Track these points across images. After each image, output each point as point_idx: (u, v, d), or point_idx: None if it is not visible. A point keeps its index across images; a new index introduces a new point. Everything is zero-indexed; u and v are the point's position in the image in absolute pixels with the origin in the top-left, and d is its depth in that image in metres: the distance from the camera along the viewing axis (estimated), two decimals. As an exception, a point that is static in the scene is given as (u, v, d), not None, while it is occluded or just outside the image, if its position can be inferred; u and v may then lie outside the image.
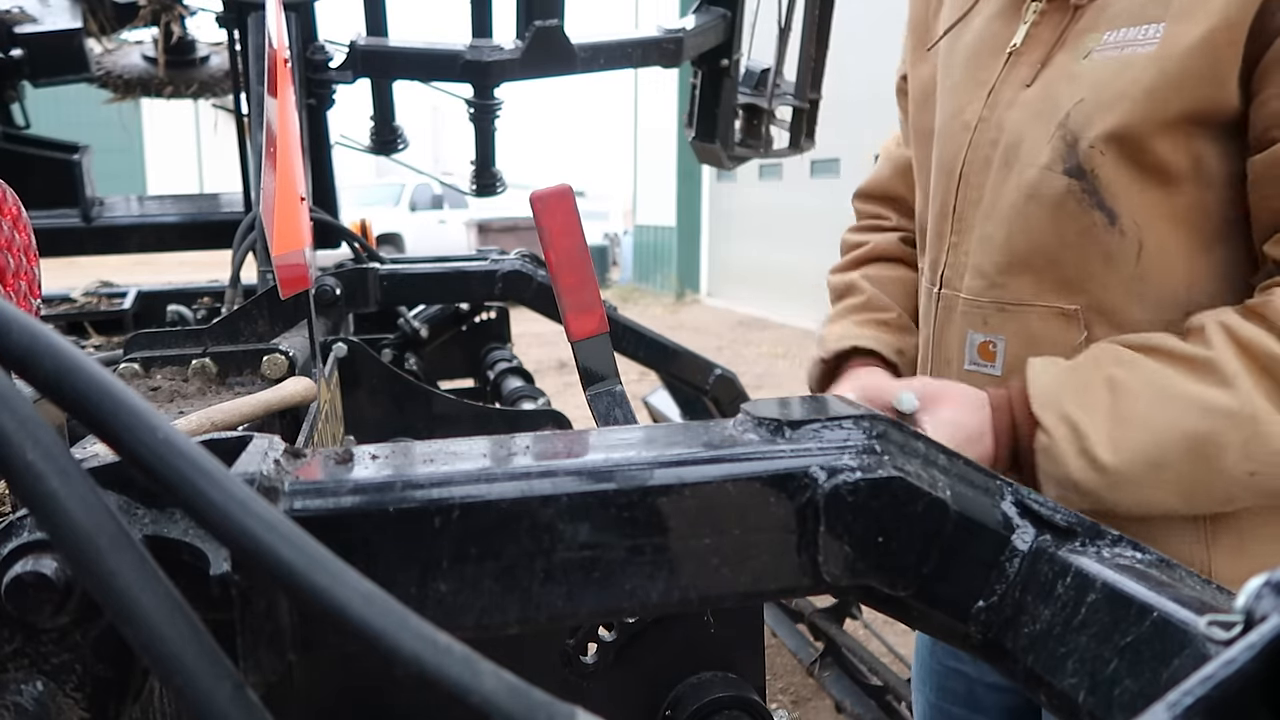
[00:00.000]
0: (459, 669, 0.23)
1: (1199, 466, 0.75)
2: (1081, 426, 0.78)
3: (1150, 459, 0.76)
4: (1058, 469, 0.78)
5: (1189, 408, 0.76)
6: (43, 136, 2.44)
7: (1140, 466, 0.76)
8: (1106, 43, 0.83)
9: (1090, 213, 0.83)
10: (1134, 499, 0.77)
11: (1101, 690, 0.30)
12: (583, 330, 0.94)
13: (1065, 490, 0.78)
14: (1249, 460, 0.74)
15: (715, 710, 0.55)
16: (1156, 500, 0.77)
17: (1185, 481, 0.76)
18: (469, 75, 2.46)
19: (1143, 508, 0.78)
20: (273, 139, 1.01)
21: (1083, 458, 0.77)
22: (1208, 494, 0.77)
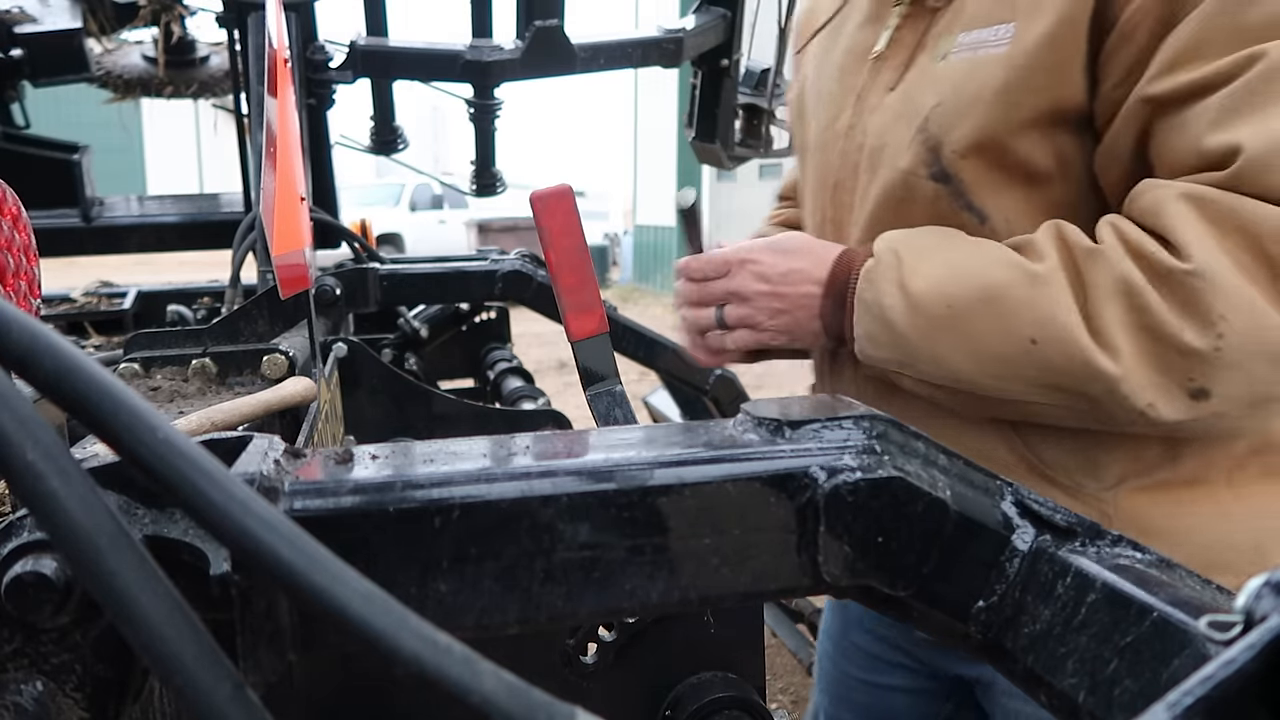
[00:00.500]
0: (459, 669, 0.23)
1: (987, 317, 0.75)
2: (904, 257, 0.80)
3: (946, 295, 0.77)
4: (872, 291, 0.81)
5: (996, 261, 0.77)
6: (43, 136, 2.44)
7: (936, 301, 0.77)
8: (961, 44, 0.83)
9: (961, 214, 0.84)
10: (929, 345, 0.78)
11: (1101, 690, 0.30)
12: (583, 330, 0.94)
13: (874, 320, 0.80)
14: (1032, 324, 0.73)
15: (715, 710, 0.55)
16: (946, 352, 0.77)
17: (974, 333, 0.76)
18: (469, 75, 2.45)
19: (937, 361, 0.78)
20: (273, 139, 1.01)
21: (894, 284, 0.79)
22: (995, 360, 0.75)
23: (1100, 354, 0.71)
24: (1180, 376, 0.70)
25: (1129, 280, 0.71)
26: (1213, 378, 0.69)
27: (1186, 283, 0.69)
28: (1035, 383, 0.75)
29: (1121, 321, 0.71)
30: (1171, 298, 0.69)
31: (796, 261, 0.88)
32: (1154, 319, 0.70)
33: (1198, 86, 0.71)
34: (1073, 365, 0.72)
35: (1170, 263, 0.69)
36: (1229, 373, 0.68)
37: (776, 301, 0.89)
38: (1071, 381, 0.73)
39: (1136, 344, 0.71)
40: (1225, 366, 0.68)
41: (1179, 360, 0.69)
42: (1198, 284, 0.68)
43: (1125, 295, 0.71)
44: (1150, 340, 0.70)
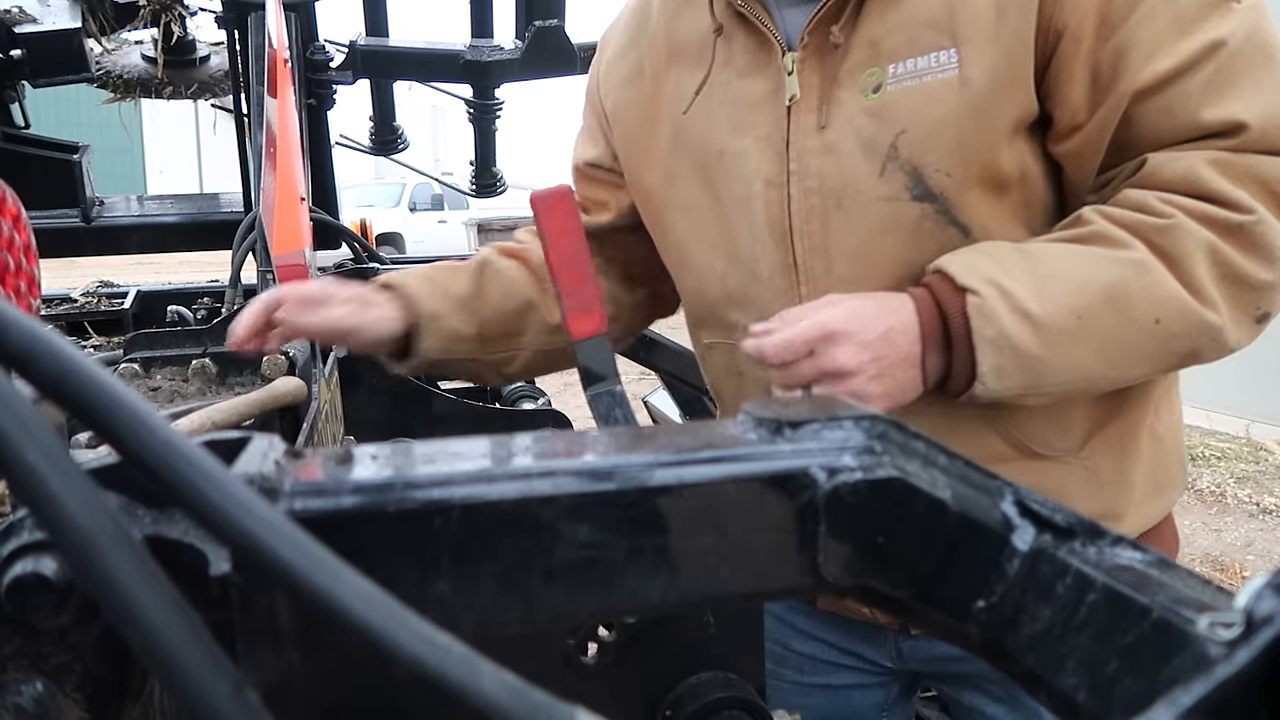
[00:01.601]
0: (459, 669, 0.23)
1: (1114, 314, 0.82)
2: (1007, 286, 0.82)
3: (1073, 308, 0.82)
4: (992, 326, 0.82)
5: (1100, 261, 0.83)
6: (43, 136, 2.44)
7: (1065, 316, 0.81)
8: (897, 75, 0.88)
9: (946, 229, 0.88)
10: (1062, 359, 0.82)
11: (1101, 690, 0.30)
12: (583, 330, 0.94)
13: (1002, 353, 0.82)
14: (1153, 306, 0.81)
15: (715, 710, 0.55)
16: (1080, 359, 0.82)
17: (1103, 333, 0.82)
18: (469, 75, 2.46)
19: (1069, 371, 0.83)
20: (273, 139, 1.01)
21: (1014, 313, 0.81)
22: (1122, 350, 0.83)
23: (1207, 311, 0.81)
24: (1251, 309, 0.83)
25: (1208, 241, 0.81)
26: (1274, 302, 0.83)
27: (1254, 230, 0.80)
28: (1156, 356, 0.84)
29: (1211, 277, 0.81)
30: (1243, 246, 0.81)
31: (884, 322, 0.84)
32: (1235, 268, 0.81)
33: (1173, 73, 0.82)
34: (1190, 328, 0.81)
35: (1236, 218, 0.81)
36: (1277, 295, 0.83)
37: (880, 368, 0.84)
38: (1187, 343, 0.82)
39: (1225, 293, 0.81)
40: (1277, 290, 0.83)
41: (1252, 295, 0.82)
42: (1261, 229, 0.80)
43: (1209, 253, 0.81)
44: (1234, 286, 0.81)
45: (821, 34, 0.90)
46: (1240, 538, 4.52)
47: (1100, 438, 0.94)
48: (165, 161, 20.60)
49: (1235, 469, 5.35)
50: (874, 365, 0.83)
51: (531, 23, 2.40)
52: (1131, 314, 0.81)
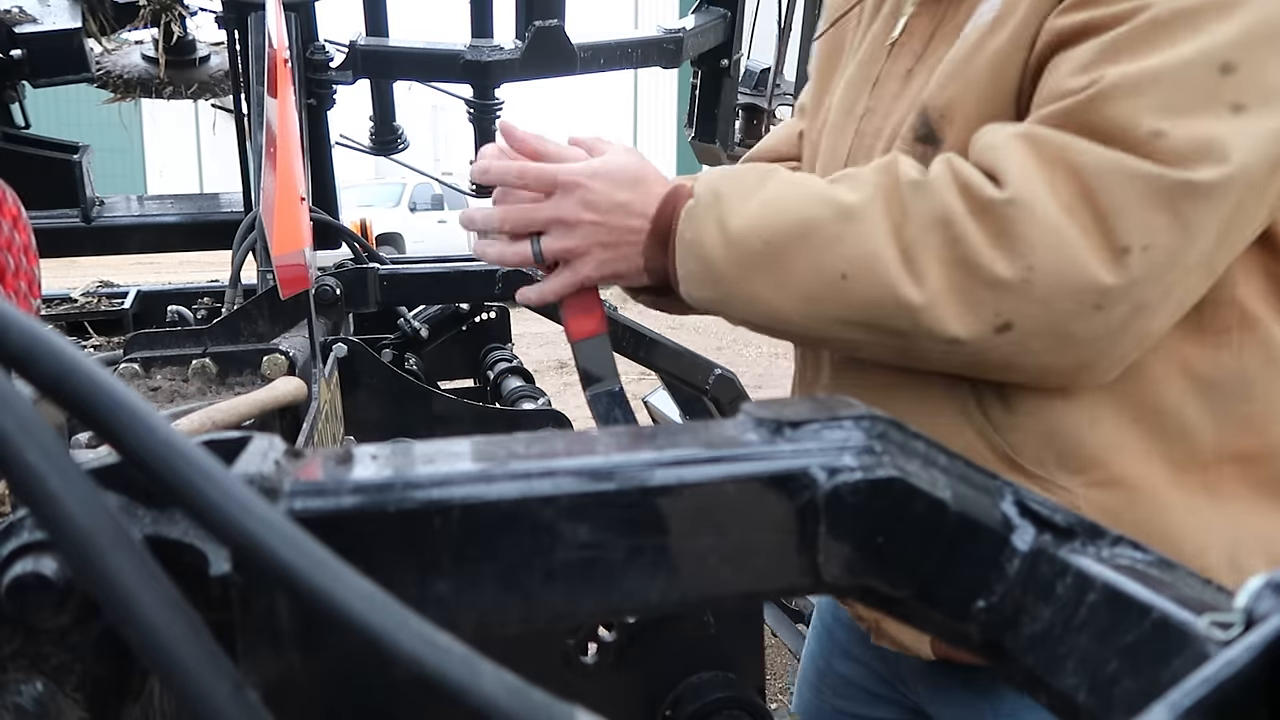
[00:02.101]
0: (459, 669, 0.23)
1: (803, 254, 0.74)
2: (725, 198, 0.78)
3: (762, 233, 0.75)
4: (692, 230, 0.78)
5: (812, 197, 0.76)
6: (43, 136, 2.44)
7: (754, 239, 0.76)
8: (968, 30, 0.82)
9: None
10: (745, 284, 0.76)
11: (1101, 690, 0.30)
12: (582, 330, 0.94)
13: (694, 260, 0.78)
14: (843, 259, 0.72)
15: (715, 710, 0.55)
16: (762, 291, 0.76)
17: (788, 271, 0.75)
18: (469, 75, 2.46)
19: (753, 301, 0.77)
20: (273, 139, 1.01)
21: (715, 224, 0.77)
22: (807, 298, 0.74)
23: (908, 284, 0.70)
24: (988, 312, 0.70)
25: (949, 211, 0.70)
26: (1017, 311, 0.69)
27: (1003, 212, 0.68)
28: (843, 319, 0.74)
29: (937, 254, 0.70)
30: (987, 228, 0.69)
31: (627, 193, 0.83)
32: (968, 250, 0.69)
33: (1090, 25, 0.71)
34: (881, 298, 0.71)
35: (990, 193, 0.69)
36: (1033, 307, 0.69)
37: (602, 234, 0.83)
38: (880, 315, 0.72)
39: (948, 276, 0.70)
40: (1031, 300, 0.68)
41: (988, 294, 0.69)
42: (1013, 212, 0.68)
43: (943, 227, 0.70)
44: (962, 272, 0.70)
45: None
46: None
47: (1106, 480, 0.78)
48: (165, 161, 20.60)
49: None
50: (596, 230, 0.83)
51: (531, 23, 2.40)
52: (819, 259, 0.73)
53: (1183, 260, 0.68)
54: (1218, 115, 0.66)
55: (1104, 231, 0.67)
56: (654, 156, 4.34)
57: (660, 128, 15.52)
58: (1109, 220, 0.67)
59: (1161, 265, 0.68)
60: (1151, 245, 0.67)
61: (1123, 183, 0.66)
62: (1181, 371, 0.77)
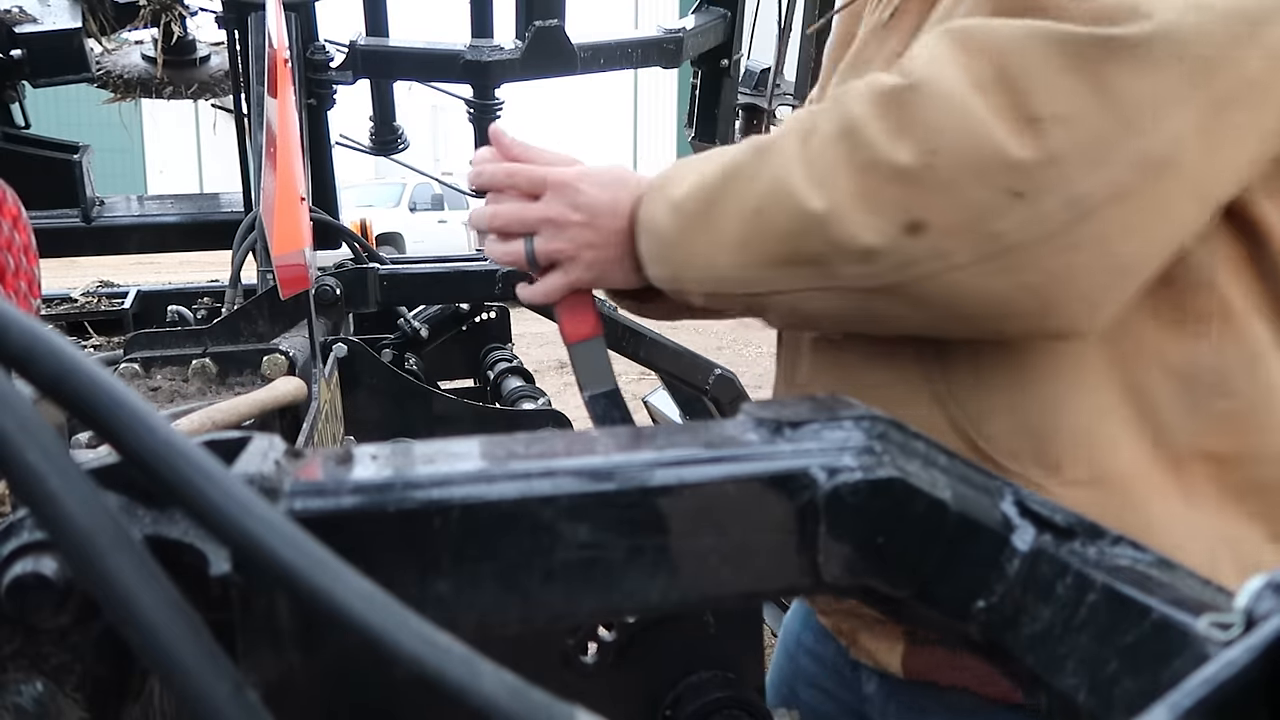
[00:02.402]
0: (459, 669, 0.23)
1: (727, 199, 0.71)
2: (671, 174, 0.78)
3: (702, 191, 0.73)
4: (646, 209, 0.77)
5: (739, 146, 0.74)
6: (43, 136, 2.44)
7: (696, 200, 0.73)
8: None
9: None
10: (689, 247, 0.74)
11: (1101, 690, 0.30)
12: (577, 334, 0.94)
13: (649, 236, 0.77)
14: (757, 194, 0.69)
15: (715, 710, 0.55)
16: (704, 250, 0.72)
17: (721, 221, 0.71)
18: (469, 75, 2.46)
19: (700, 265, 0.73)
20: (273, 139, 1.01)
21: (664, 199, 0.76)
22: (738, 244, 0.70)
23: (813, 197, 0.65)
24: (895, 210, 0.63)
25: (853, 118, 0.65)
26: (927, 204, 0.62)
27: (904, 99, 0.63)
28: (773, 260, 0.69)
29: (844, 166, 0.65)
30: (889, 121, 0.64)
31: (613, 194, 0.82)
32: (869, 150, 0.63)
33: None
34: (793, 221, 0.67)
35: (890, 83, 0.64)
36: (943, 197, 0.62)
37: (591, 234, 0.82)
38: (800, 244, 0.67)
39: (852, 182, 0.64)
40: (939, 189, 0.62)
41: (893, 189, 0.63)
42: (913, 97, 0.63)
43: (847, 135, 0.65)
44: (866, 175, 0.64)
45: None
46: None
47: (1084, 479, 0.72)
48: (165, 161, 20.61)
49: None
50: (585, 230, 0.82)
51: (531, 23, 2.40)
52: (740, 201, 0.70)
53: (1123, 146, 0.60)
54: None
55: (1014, 103, 0.60)
56: (654, 156, 4.39)
57: (660, 128, 15.52)
58: (1018, 88, 0.60)
59: (1089, 146, 0.59)
60: (1067, 115, 0.59)
61: (1034, 47, 0.60)
62: (1157, 360, 0.71)
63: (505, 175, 0.87)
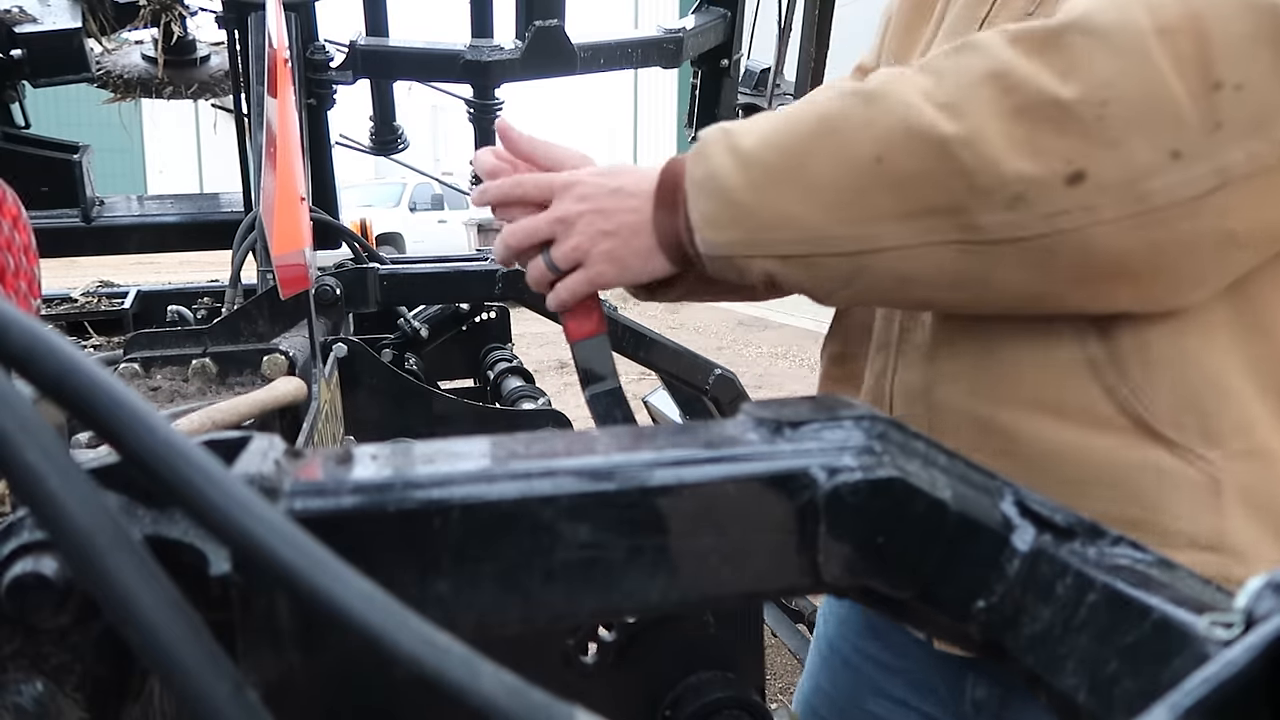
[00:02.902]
0: (459, 669, 0.23)
1: (826, 148, 0.65)
2: (733, 129, 0.71)
3: (781, 143, 0.67)
4: (702, 166, 0.70)
5: (827, 95, 0.68)
6: (43, 136, 2.44)
7: (772, 152, 0.67)
8: None
9: None
10: (773, 204, 0.67)
11: (1101, 690, 0.30)
12: (581, 331, 0.94)
13: (709, 196, 0.69)
14: (873, 141, 0.63)
15: (715, 710, 0.55)
16: (794, 207, 0.66)
17: (816, 173, 0.65)
18: (469, 75, 2.46)
19: (786, 224, 0.67)
20: (273, 139, 1.01)
21: (727, 152, 0.69)
22: (844, 198, 0.65)
23: (953, 140, 0.60)
24: (1056, 159, 0.59)
25: (1001, 62, 0.61)
26: (1091, 155, 0.59)
27: (1068, 41, 0.59)
28: (893, 213, 0.64)
29: (991, 108, 0.60)
30: (1050, 62, 0.60)
31: (620, 180, 0.77)
32: (1027, 93, 0.59)
33: None
34: (929, 164, 0.61)
35: (1051, 25, 0.60)
36: (1109, 150, 0.59)
37: (602, 221, 0.77)
38: (933, 190, 0.62)
39: (1006, 127, 0.60)
40: (1106, 142, 0.59)
41: (1056, 139, 0.59)
42: (1081, 40, 0.59)
43: (995, 78, 0.60)
44: (1024, 121, 0.59)
45: None
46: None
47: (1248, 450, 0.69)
48: (165, 161, 20.61)
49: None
50: (596, 217, 0.76)
51: (531, 23, 2.40)
52: (848, 150, 0.64)
53: (1274, 122, 0.58)
54: None
55: (1201, 62, 0.58)
56: (654, 156, 4.39)
57: (660, 128, 15.52)
58: (1209, 50, 0.58)
59: (1252, 118, 0.58)
60: (1246, 85, 0.58)
61: (1236, 8, 0.58)
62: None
63: (512, 186, 0.82)
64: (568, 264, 0.80)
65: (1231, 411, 0.69)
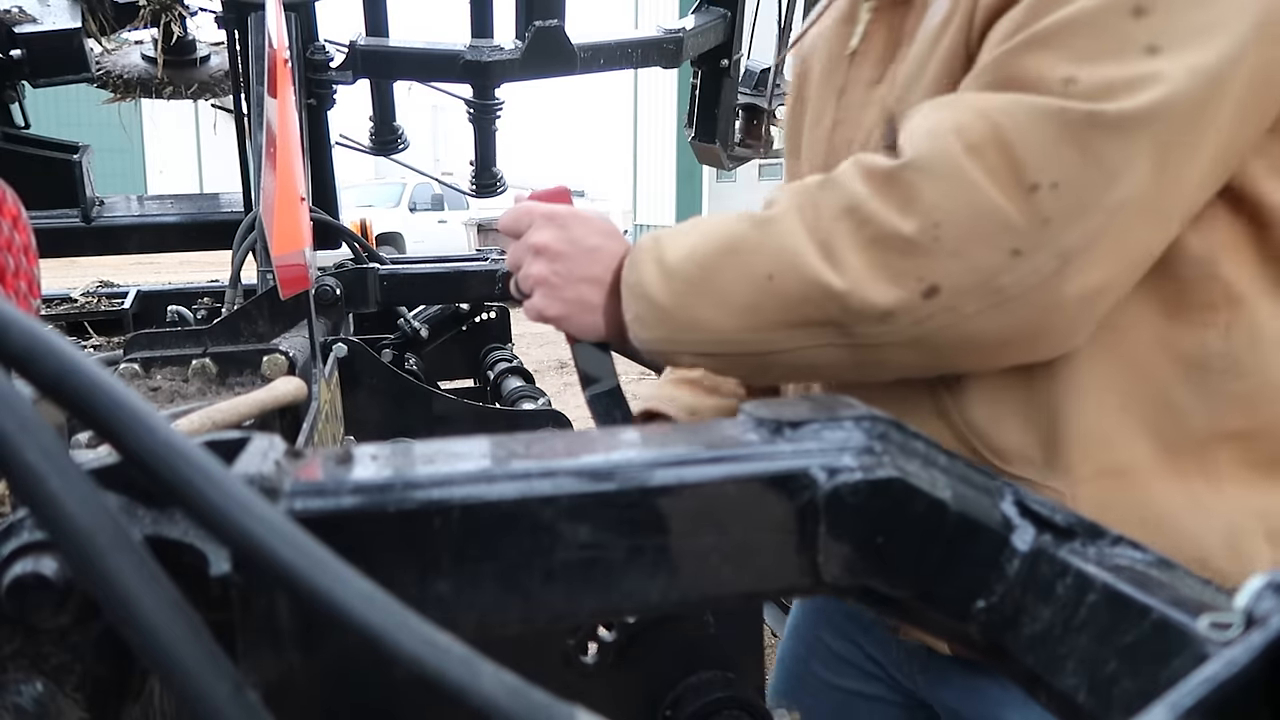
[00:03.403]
0: (459, 669, 0.23)
1: (731, 267, 0.75)
2: (663, 238, 0.81)
3: (696, 257, 0.77)
4: (634, 274, 0.80)
5: (735, 217, 0.78)
6: (43, 136, 2.44)
7: (689, 265, 0.77)
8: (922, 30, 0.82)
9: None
10: (689, 311, 0.77)
11: (1101, 690, 0.30)
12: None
13: (638, 300, 0.79)
14: (768, 259, 0.73)
15: (715, 710, 0.55)
16: (706, 314, 0.76)
17: (724, 286, 0.75)
18: (469, 75, 2.46)
19: (699, 327, 0.77)
20: (273, 139, 1.01)
21: (654, 262, 0.79)
22: (745, 309, 0.74)
23: (829, 272, 0.70)
24: (909, 278, 0.68)
25: (853, 197, 0.70)
26: (937, 269, 0.68)
27: (901, 177, 0.69)
28: (784, 323, 0.74)
29: (851, 240, 0.70)
30: (891, 199, 0.69)
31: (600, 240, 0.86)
32: (876, 226, 0.69)
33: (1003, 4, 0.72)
34: (808, 289, 0.72)
35: (887, 164, 0.70)
36: (951, 262, 0.67)
37: (576, 269, 0.86)
38: (814, 310, 0.72)
39: (864, 257, 0.70)
40: (946, 254, 0.67)
41: (904, 261, 0.68)
42: (911, 175, 0.68)
43: (850, 213, 0.70)
44: (876, 249, 0.69)
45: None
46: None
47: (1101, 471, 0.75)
48: (165, 161, 20.61)
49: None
50: (567, 261, 0.85)
51: (531, 23, 2.40)
52: (747, 268, 0.74)
53: (1102, 201, 0.66)
54: (1133, 57, 0.66)
55: (1011, 170, 0.66)
56: (654, 156, 4.40)
57: (660, 128, 15.51)
58: (1016, 158, 0.66)
59: (1075, 205, 0.66)
60: (1061, 182, 0.65)
61: (1030, 119, 0.66)
62: (1166, 353, 0.75)
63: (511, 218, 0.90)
64: (527, 288, 0.89)
65: (1082, 438, 0.75)
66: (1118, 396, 0.75)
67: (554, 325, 0.90)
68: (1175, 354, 0.75)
